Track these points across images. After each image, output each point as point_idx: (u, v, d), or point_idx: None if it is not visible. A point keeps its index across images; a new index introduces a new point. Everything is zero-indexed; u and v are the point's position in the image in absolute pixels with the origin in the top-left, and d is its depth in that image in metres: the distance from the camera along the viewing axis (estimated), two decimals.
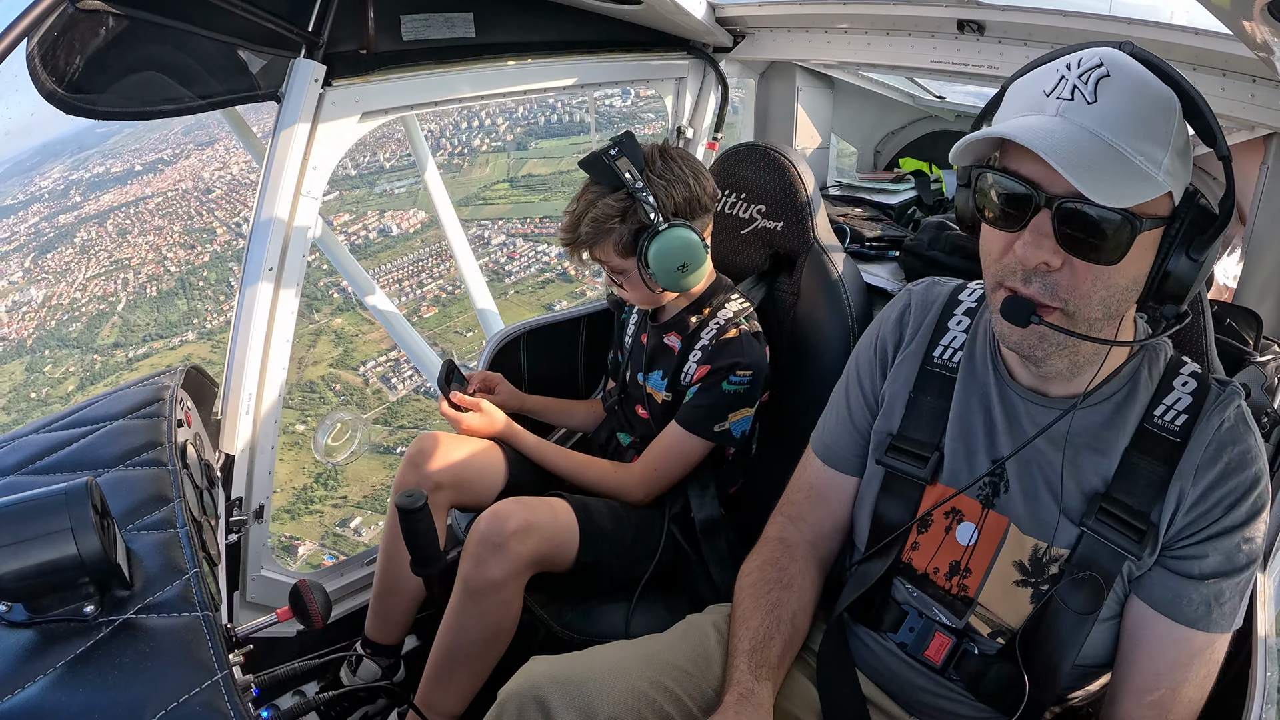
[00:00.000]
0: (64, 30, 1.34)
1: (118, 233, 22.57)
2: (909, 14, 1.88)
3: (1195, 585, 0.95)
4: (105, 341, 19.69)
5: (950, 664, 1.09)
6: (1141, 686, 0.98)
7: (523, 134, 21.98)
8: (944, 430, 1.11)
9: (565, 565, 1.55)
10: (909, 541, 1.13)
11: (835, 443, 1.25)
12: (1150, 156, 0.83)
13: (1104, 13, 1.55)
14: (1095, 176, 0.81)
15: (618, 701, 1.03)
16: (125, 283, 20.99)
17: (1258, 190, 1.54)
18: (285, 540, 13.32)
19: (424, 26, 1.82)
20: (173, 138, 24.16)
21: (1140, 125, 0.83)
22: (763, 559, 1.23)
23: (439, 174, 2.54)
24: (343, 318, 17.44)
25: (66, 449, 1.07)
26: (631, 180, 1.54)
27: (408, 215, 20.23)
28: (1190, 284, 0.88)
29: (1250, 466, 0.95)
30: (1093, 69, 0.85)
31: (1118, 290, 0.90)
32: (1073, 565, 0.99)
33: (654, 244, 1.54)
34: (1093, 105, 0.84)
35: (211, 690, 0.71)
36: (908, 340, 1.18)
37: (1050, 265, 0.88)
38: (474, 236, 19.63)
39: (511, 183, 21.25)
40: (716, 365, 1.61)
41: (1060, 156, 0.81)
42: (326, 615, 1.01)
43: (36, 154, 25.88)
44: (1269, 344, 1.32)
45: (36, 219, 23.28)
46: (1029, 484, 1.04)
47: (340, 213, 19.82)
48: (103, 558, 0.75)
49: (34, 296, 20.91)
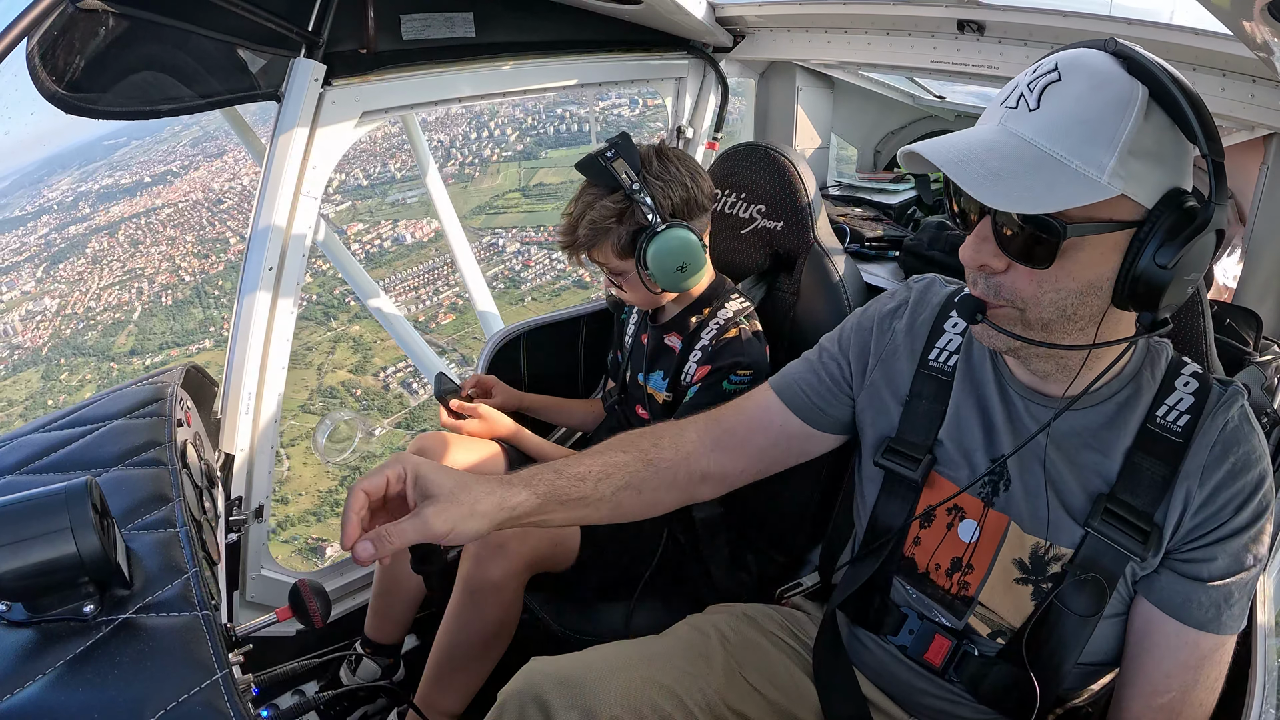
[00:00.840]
0: (64, 30, 1.34)
1: (129, 243, 22.79)
2: (909, 14, 1.88)
3: (1205, 588, 0.95)
4: (122, 349, 19.96)
5: (950, 666, 1.09)
6: (1151, 689, 0.98)
7: (532, 143, 22.26)
8: (939, 430, 1.12)
9: (565, 565, 1.55)
10: (910, 537, 1.13)
11: (798, 381, 1.24)
12: (1091, 159, 0.82)
13: (1104, 13, 1.55)
14: (1011, 183, 0.82)
15: (619, 702, 1.03)
16: (140, 291, 21.25)
17: (1257, 190, 1.54)
18: (313, 541, 13.68)
19: (424, 26, 1.82)
20: (181, 150, 24.41)
21: (1084, 127, 0.82)
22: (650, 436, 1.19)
23: (439, 176, 2.54)
24: (360, 324, 17.72)
25: (66, 448, 1.07)
26: (629, 181, 1.54)
27: (421, 224, 20.55)
28: (1161, 289, 0.84)
29: (1255, 467, 0.95)
30: (1045, 75, 0.86)
31: (1069, 294, 0.89)
32: (1076, 566, 0.99)
33: (652, 245, 1.54)
34: (1034, 112, 0.85)
35: (211, 690, 0.71)
36: (900, 333, 1.18)
37: (993, 268, 0.91)
38: (489, 244, 20.09)
39: (523, 191, 21.57)
40: (717, 365, 1.61)
41: (966, 169, 0.84)
42: (326, 615, 1.01)
43: (43, 166, 26.15)
44: (1269, 344, 1.32)
45: (46, 230, 23.52)
46: (1030, 482, 1.04)
47: (354, 222, 20.14)
48: (102, 557, 0.75)
49: (48, 306, 21.15)
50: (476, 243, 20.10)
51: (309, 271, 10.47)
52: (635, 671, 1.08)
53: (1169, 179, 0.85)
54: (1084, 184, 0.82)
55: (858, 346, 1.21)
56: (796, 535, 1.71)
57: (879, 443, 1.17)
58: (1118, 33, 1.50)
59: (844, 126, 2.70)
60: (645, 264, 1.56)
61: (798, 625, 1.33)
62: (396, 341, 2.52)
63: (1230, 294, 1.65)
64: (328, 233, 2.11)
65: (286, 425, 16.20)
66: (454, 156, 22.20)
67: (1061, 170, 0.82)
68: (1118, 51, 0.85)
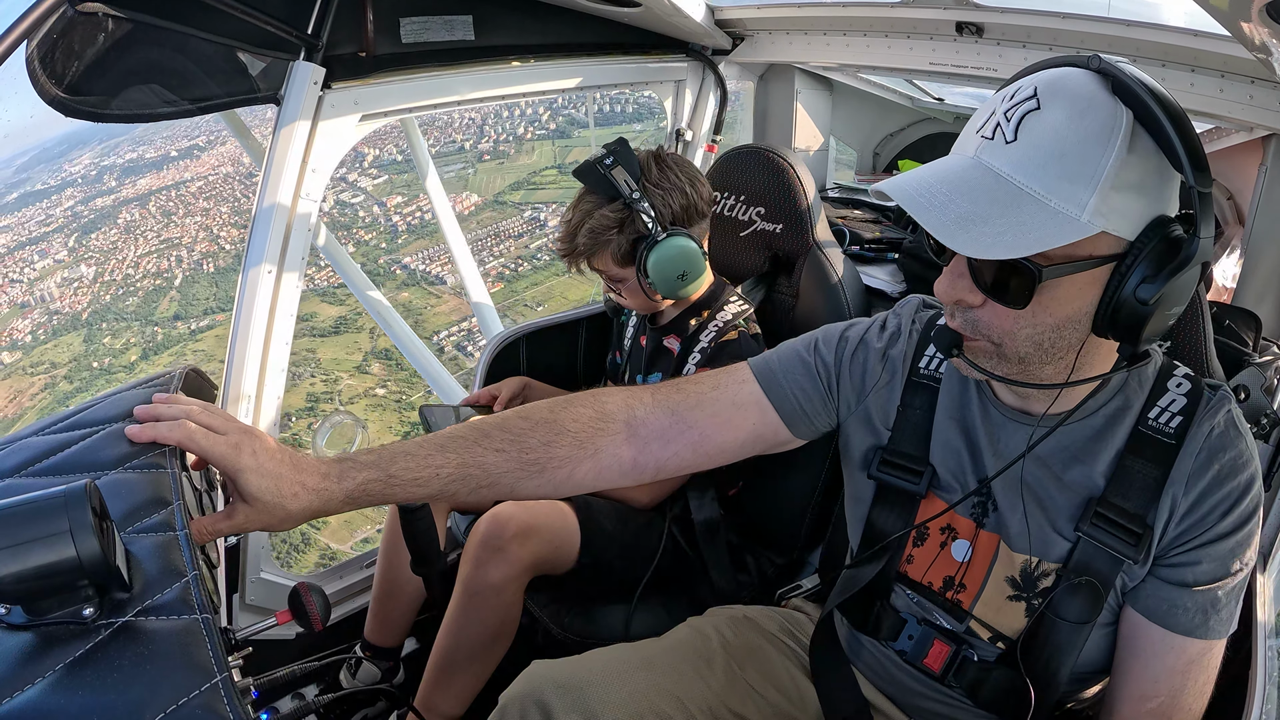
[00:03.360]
0: (63, 33, 1.34)
1: (161, 214, 23.06)
2: (907, 16, 1.88)
3: (1190, 594, 0.94)
4: (165, 314, 20.39)
5: (949, 671, 1.09)
6: (1140, 694, 0.98)
7: (565, 123, 22.62)
8: (928, 450, 1.10)
9: (565, 567, 1.55)
10: (905, 554, 1.12)
11: (788, 380, 1.14)
12: (1070, 197, 0.78)
13: (1102, 15, 1.55)
14: (982, 227, 0.79)
15: (619, 705, 1.03)
16: (180, 260, 21.61)
17: (1256, 191, 1.54)
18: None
19: (423, 29, 1.82)
20: (205, 125, 24.72)
21: (1063, 163, 0.78)
22: (572, 409, 1.05)
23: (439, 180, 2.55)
24: (409, 291, 18.22)
25: (65, 451, 1.07)
26: (628, 190, 1.54)
27: (460, 199, 20.94)
28: (1142, 322, 0.81)
29: (1242, 472, 0.93)
30: (1022, 102, 0.81)
31: (1046, 329, 0.86)
32: (1069, 571, 0.98)
33: (653, 254, 1.54)
34: (1011, 145, 0.81)
35: (210, 693, 0.71)
36: (894, 359, 1.14)
37: (969, 302, 0.88)
38: (530, 218, 20.61)
39: (560, 168, 21.84)
40: (715, 368, 1.61)
41: (932, 211, 0.81)
42: (326, 618, 1.00)
43: (63, 141, 26.31)
44: (1268, 345, 1.32)
45: (71, 202, 23.75)
46: (1015, 502, 1.02)
47: (392, 194, 20.58)
48: (102, 560, 0.74)
49: (84, 273, 21.50)
50: (519, 216, 20.65)
51: (351, 241, 10.36)
52: (636, 675, 1.08)
53: (1152, 208, 0.82)
54: (1062, 223, 0.78)
55: (855, 372, 1.16)
56: (796, 537, 1.71)
57: (869, 454, 1.15)
58: (1115, 34, 1.50)
59: (843, 129, 2.70)
60: (645, 273, 1.56)
61: (798, 627, 1.33)
62: (392, 340, 2.52)
63: (1229, 294, 1.65)
64: (328, 236, 2.11)
65: (344, 385, 16.65)
66: (487, 134, 22.56)
67: (1039, 209, 0.79)
68: (1102, 70, 0.81)
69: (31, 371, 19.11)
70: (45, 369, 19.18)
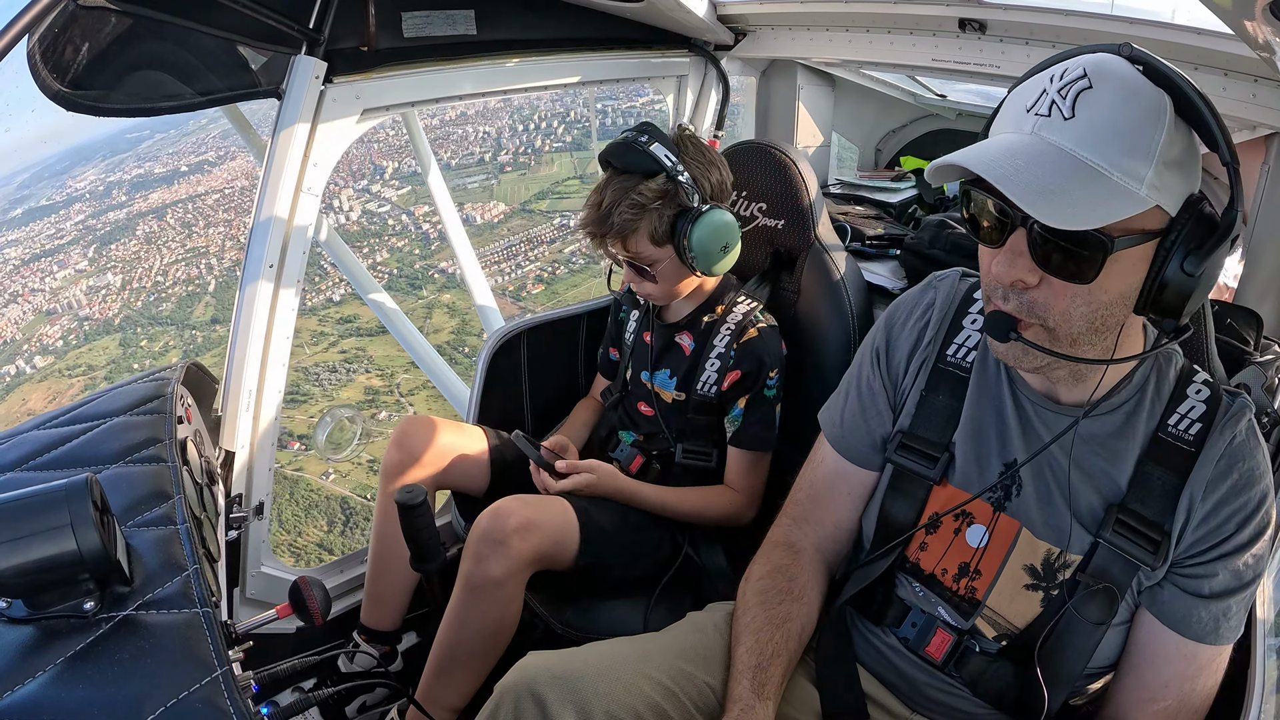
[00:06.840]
0: (65, 27, 1.34)
1: (180, 225, 23.53)
2: (910, 12, 1.88)
3: (1205, 603, 0.96)
4: (201, 319, 20.89)
5: (950, 661, 1.09)
6: (1149, 696, 1.00)
7: (580, 135, 23.20)
8: (955, 430, 1.11)
9: (566, 563, 1.55)
10: (916, 543, 1.13)
11: (851, 433, 1.22)
12: (1131, 172, 0.81)
13: (1105, 12, 1.55)
14: (1060, 199, 0.80)
15: (614, 697, 1.03)
16: (210, 267, 22.06)
17: (1258, 190, 1.54)
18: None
19: (425, 23, 1.82)
20: (211, 141, 25.18)
21: (1122, 139, 0.81)
22: (771, 565, 1.21)
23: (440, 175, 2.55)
24: (451, 293, 18.66)
25: (67, 445, 1.07)
26: (671, 164, 1.54)
27: (488, 207, 21.62)
28: (1186, 297, 0.85)
29: (1259, 483, 0.95)
30: (1074, 81, 0.83)
31: (1100, 306, 0.88)
32: (1087, 575, 1.00)
33: (698, 225, 1.54)
34: (1070, 121, 0.82)
35: (211, 687, 0.71)
36: (926, 342, 1.16)
37: (1026, 283, 0.89)
38: (560, 225, 21.31)
39: (582, 179, 22.44)
40: (748, 371, 1.62)
41: (1016, 183, 0.81)
42: (326, 612, 1.01)
43: (65, 158, 26.68)
44: (1269, 344, 1.32)
45: (81, 216, 24.22)
46: (1043, 489, 1.03)
47: (419, 204, 21.14)
48: (102, 554, 0.75)
49: (111, 281, 22.03)
50: (548, 223, 21.31)
51: (384, 248, 10.49)
52: (631, 667, 1.09)
53: (1189, 186, 0.85)
54: (1125, 196, 0.81)
55: (894, 365, 1.19)
56: None
57: (887, 438, 1.17)
58: (1119, 32, 1.50)
59: (845, 125, 2.70)
60: (690, 245, 1.55)
61: None
62: (396, 338, 2.51)
63: (1231, 294, 1.65)
64: (329, 231, 2.11)
65: (400, 379, 16.92)
66: (505, 146, 23.13)
67: (1103, 183, 0.81)
68: (1133, 57, 0.84)
69: (69, 374, 19.65)
70: (83, 371, 19.70)
